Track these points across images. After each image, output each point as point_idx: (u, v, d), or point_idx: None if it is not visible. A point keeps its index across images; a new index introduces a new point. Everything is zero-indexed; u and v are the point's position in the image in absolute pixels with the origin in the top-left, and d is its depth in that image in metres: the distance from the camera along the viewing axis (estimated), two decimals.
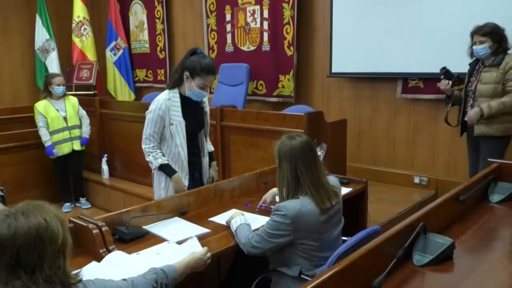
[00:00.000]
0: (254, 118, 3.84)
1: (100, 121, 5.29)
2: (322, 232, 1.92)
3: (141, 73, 6.82)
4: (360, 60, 4.48)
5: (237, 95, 5.02)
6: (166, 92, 2.56)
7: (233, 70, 5.30)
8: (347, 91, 4.77)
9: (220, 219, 2.34)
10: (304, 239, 1.88)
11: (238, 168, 2.95)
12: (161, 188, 2.65)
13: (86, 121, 4.87)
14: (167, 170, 2.57)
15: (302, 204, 1.87)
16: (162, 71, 6.45)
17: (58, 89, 4.64)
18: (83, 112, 4.87)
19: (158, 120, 2.51)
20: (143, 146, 2.55)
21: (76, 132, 4.75)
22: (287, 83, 5.03)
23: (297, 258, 1.92)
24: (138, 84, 6.88)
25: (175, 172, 2.56)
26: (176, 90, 2.56)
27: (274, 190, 2.33)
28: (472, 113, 3.13)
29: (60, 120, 4.65)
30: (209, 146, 2.83)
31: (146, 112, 2.59)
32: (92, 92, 6.18)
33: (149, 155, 2.55)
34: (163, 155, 2.57)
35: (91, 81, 6.30)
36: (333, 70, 4.67)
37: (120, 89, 6.72)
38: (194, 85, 2.47)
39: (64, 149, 4.68)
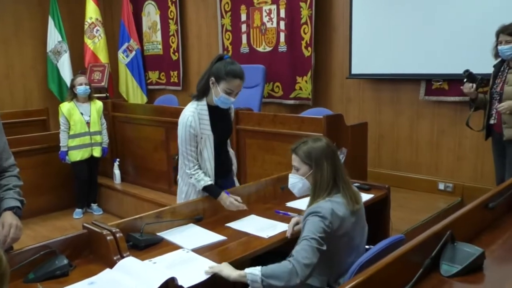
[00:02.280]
0: (270, 122, 3.84)
1: (112, 124, 5.35)
2: (352, 235, 1.91)
3: (153, 75, 6.88)
4: (381, 60, 4.45)
5: (252, 98, 5.03)
6: (193, 104, 2.53)
7: (248, 71, 5.20)
8: (368, 93, 4.74)
9: (237, 225, 2.34)
10: (337, 240, 1.86)
11: (254, 173, 2.94)
12: (181, 198, 2.66)
13: (104, 130, 4.91)
14: (211, 191, 2.50)
15: (332, 203, 1.88)
16: (175, 73, 6.50)
17: (80, 89, 4.69)
18: (103, 120, 4.91)
19: (191, 137, 2.47)
20: (183, 168, 2.50)
21: (97, 138, 4.79)
22: (304, 85, 5.03)
23: (324, 267, 1.89)
24: (150, 87, 6.94)
25: (219, 192, 2.48)
26: (204, 101, 2.53)
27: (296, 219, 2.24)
28: (506, 104, 3.08)
29: (83, 125, 4.71)
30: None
31: (178, 125, 2.54)
32: (104, 95, 6.25)
33: (191, 177, 2.50)
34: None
35: (103, 84, 6.38)
36: (353, 71, 4.65)
37: (132, 91, 6.79)
38: (220, 90, 2.45)
39: (84, 154, 4.73)
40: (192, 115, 2.48)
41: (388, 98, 4.60)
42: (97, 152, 4.80)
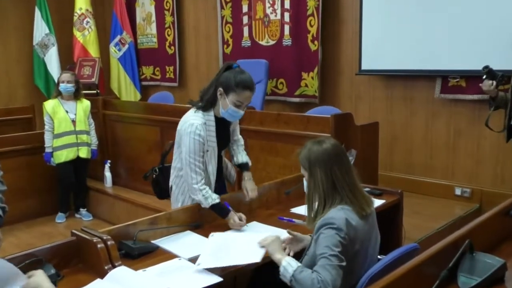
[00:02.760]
0: (273, 121, 3.84)
1: (103, 123, 5.35)
2: (366, 245, 1.90)
3: (148, 71, 6.89)
4: (393, 56, 4.45)
5: (254, 95, 5.00)
6: (198, 113, 2.52)
7: (250, 66, 5.27)
8: (379, 90, 4.74)
9: (237, 233, 2.34)
10: (352, 252, 1.85)
11: (256, 177, 2.93)
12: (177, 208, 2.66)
13: (93, 131, 4.91)
14: (219, 210, 2.46)
15: (345, 212, 1.86)
16: (171, 68, 6.50)
17: (61, 87, 4.70)
18: (91, 120, 4.92)
19: (200, 147, 2.45)
20: (189, 181, 2.45)
21: (83, 138, 4.79)
22: (310, 82, 5.03)
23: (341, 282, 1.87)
24: (144, 83, 6.94)
25: (228, 211, 2.46)
26: (211, 112, 2.53)
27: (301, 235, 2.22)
28: None
29: (68, 123, 4.71)
30: (242, 156, 2.78)
31: (182, 134, 2.49)
32: (95, 92, 6.25)
33: (198, 194, 2.43)
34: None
35: (93, 80, 6.39)
36: (363, 67, 4.64)
37: (125, 88, 6.80)
38: (228, 102, 2.45)
39: (69, 154, 4.73)
40: (201, 126, 2.46)
41: (401, 96, 4.59)
42: (83, 153, 4.78)
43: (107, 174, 5.23)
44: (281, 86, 5.30)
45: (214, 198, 2.44)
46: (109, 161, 5.25)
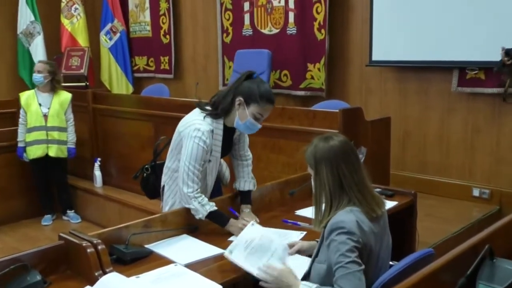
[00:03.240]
0: (277, 116, 3.83)
1: (93, 118, 5.36)
2: (378, 250, 1.90)
3: (141, 61, 6.88)
4: (407, 45, 4.43)
5: None
6: (206, 119, 2.49)
7: (251, 57, 5.31)
8: (391, 83, 4.73)
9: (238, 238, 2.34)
10: (364, 258, 1.85)
11: (258, 176, 2.93)
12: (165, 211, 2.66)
13: (71, 127, 4.88)
14: (217, 218, 2.44)
15: (355, 214, 1.85)
16: (166, 58, 6.50)
17: (35, 78, 4.70)
18: (70, 115, 4.88)
19: (203, 155, 2.44)
20: (184, 190, 2.42)
21: (54, 135, 4.75)
22: (317, 73, 5.02)
23: None
24: (137, 74, 6.94)
25: (228, 218, 2.45)
26: (221, 121, 2.51)
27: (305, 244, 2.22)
28: None
29: (39, 117, 4.70)
30: (245, 184, 2.69)
31: (184, 136, 2.47)
32: (84, 84, 6.26)
33: (194, 201, 2.41)
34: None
35: (82, 71, 6.39)
36: (374, 58, 4.63)
37: (116, 80, 6.79)
38: (248, 114, 2.44)
39: (37, 151, 4.73)
40: (208, 132, 2.44)
41: (415, 90, 4.58)
42: (52, 151, 4.75)
43: (97, 173, 5.23)
44: (285, 78, 5.29)
45: (212, 205, 2.43)
46: (99, 159, 5.26)
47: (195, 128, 2.44)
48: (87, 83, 6.31)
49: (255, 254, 1.94)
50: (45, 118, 4.72)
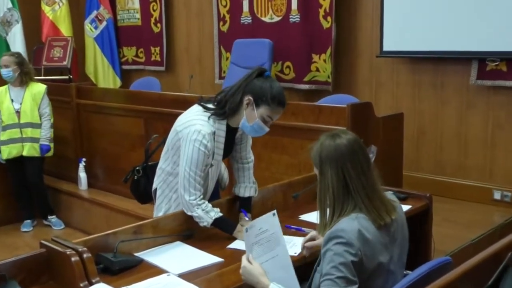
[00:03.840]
0: None
1: (77, 115, 5.36)
2: (387, 259, 1.89)
3: (129, 52, 6.88)
4: (421, 34, 4.43)
5: None
6: (205, 118, 2.48)
7: (250, 47, 5.31)
8: (404, 75, 4.73)
9: (237, 243, 2.34)
10: (368, 269, 1.84)
11: (258, 178, 2.93)
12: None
13: (45, 122, 4.88)
14: (224, 224, 2.46)
15: (359, 222, 1.85)
16: (157, 49, 6.50)
17: (4, 73, 4.70)
18: (45, 110, 4.88)
19: (204, 159, 2.44)
20: (186, 198, 2.42)
21: (28, 132, 4.76)
22: (323, 65, 5.02)
23: None
24: (125, 67, 6.94)
25: (235, 224, 2.48)
26: (223, 120, 2.50)
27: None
28: None
29: (11, 114, 4.72)
30: (245, 190, 2.71)
31: (182, 138, 2.46)
32: (67, 77, 6.26)
33: (197, 209, 2.42)
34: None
35: (65, 63, 6.39)
36: (385, 48, 4.63)
37: (102, 72, 6.80)
38: (257, 115, 2.44)
39: (11, 151, 4.74)
40: (209, 134, 2.44)
41: (430, 82, 4.58)
42: (27, 151, 4.76)
43: (82, 174, 5.23)
44: (287, 70, 5.29)
45: (217, 211, 2.44)
46: (84, 159, 5.26)
47: (195, 129, 2.42)
48: (71, 76, 6.31)
49: (259, 247, 1.95)
50: (18, 115, 4.73)
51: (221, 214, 2.44)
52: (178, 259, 2.21)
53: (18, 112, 4.72)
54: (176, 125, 2.55)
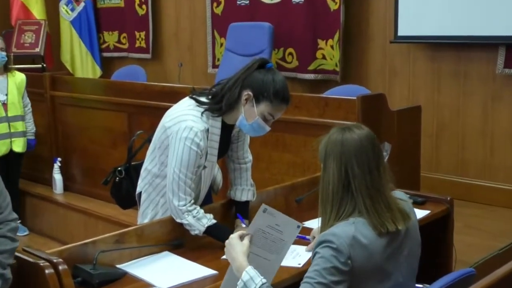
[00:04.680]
0: None
1: (51, 109, 5.35)
2: (388, 273, 1.90)
3: (111, 38, 6.87)
4: (441, 17, 4.43)
5: None
6: (198, 113, 2.47)
7: (248, 32, 5.31)
8: (421, 64, 4.73)
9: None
10: (364, 280, 1.85)
11: (257, 180, 2.93)
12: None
13: (29, 115, 4.91)
14: (218, 232, 2.44)
15: (356, 227, 1.85)
16: (142, 34, 6.49)
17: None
18: (27, 100, 4.91)
19: (196, 160, 2.43)
20: (175, 203, 2.42)
21: (18, 126, 4.80)
22: (329, 52, 5.02)
23: None
24: (106, 54, 6.94)
25: (230, 232, 2.41)
26: (219, 117, 2.50)
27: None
28: None
29: None
30: (242, 193, 2.73)
31: (172, 135, 2.45)
32: (40, 66, 6.25)
33: (187, 215, 2.42)
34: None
35: (37, 49, 6.38)
36: (400, 33, 4.63)
37: (80, 60, 6.79)
38: (257, 113, 2.44)
39: (1, 148, 4.74)
40: (202, 131, 2.43)
41: (451, 72, 4.58)
42: (18, 146, 4.79)
43: (57, 176, 5.23)
44: (290, 58, 5.29)
45: (210, 218, 2.44)
46: (59, 159, 5.25)
47: (186, 126, 2.41)
48: (44, 65, 6.31)
49: (261, 239, 1.97)
50: (5, 107, 4.72)
51: (214, 221, 2.44)
52: (166, 271, 2.20)
53: (5, 104, 4.71)
54: (164, 121, 2.54)
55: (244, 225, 2.58)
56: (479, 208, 4.26)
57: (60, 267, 1.92)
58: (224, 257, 2.34)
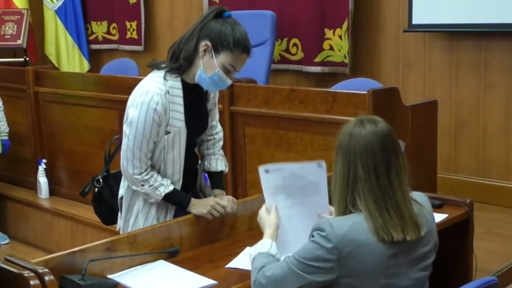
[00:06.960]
0: (284, 100, 3.84)
1: (35, 106, 5.34)
2: (388, 275, 1.90)
3: (99, 28, 6.88)
4: (459, 3, 4.44)
5: (256, 63, 5.01)
6: (159, 77, 2.51)
7: (249, 21, 5.23)
8: (438, 54, 4.74)
9: (235, 261, 2.35)
10: (355, 282, 1.86)
11: (259, 181, 2.93)
12: (129, 225, 2.66)
13: (0, 114, 4.97)
14: (177, 199, 2.58)
15: (355, 222, 1.86)
16: (134, 24, 6.49)
17: None
18: None
19: (153, 127, 2.46)
20: (129, 172, 2.49)
21: None
22: (337, 43, 5.02)
23: None
24: (94, 46, 6.95)
25: (189, 198, 2.57)
26: (177, 77, 2.53)
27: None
28: None
29: None
30: (217, 163, 2.81)
31: (128, 109, 2.52)
32: (22, 59, 6.26)
33: (143, 185, 2.51)
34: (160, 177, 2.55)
35: (19, 41, 6.38)
36: (415, 21, 4.63)
37: (66, 53, 6.80)
38: (217, 64, 2.46)
39: None
40: (160, 95, 2.46)
41: (471, 63, 4.59)
42: None
43: (42, 179, 5.23)
44: (294, 49, 5.30)
45: (167, 185, 2.52)
46: (44, 160, 5.26)
47: (142, 92, 2.47)
48: (27, 58, 6.31)
49: (293, 189, 2.07)
50: None
51: (171, 188, 2.52)
52: (161, 281, 2.21)
53: None
54: (128, 104, 2.56)
55: (219, 194, 2.70)
56: (501, 212, 4.27)
57: (47, 278, 1.92)
58: (228, 266, 2.35)
